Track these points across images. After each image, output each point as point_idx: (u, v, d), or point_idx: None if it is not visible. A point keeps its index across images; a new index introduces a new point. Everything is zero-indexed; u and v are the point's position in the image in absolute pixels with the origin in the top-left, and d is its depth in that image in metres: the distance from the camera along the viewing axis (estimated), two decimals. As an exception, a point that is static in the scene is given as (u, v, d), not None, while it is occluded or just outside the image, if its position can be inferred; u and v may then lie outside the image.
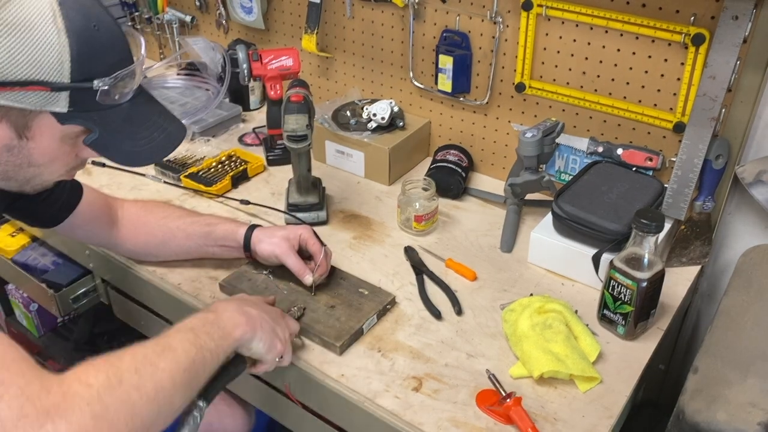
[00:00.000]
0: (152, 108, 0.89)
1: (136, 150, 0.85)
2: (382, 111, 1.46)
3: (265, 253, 1.12)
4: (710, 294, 1.35)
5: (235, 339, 0.87)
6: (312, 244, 1.12)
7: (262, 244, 1.12)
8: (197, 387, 0.80)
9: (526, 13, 1.29)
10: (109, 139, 0.82)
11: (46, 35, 0.72)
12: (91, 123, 0.80)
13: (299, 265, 1.11)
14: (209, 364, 0.82)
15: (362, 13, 1.54)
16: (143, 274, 1.22)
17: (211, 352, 0.82)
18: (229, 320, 0.88)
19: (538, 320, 1.03)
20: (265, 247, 1.12)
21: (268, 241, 1.12)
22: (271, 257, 1.12)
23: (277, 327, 0.95)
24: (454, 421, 0.93)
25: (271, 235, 1.13)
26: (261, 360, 0.93)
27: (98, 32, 0.77)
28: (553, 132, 1.25)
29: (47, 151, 0.81)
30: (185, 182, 1.46)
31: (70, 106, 0.77)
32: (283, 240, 1.12)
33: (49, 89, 0.74)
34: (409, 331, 1.09)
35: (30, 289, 1.51)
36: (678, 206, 1.21)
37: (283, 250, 1.11)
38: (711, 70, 1.11)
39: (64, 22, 0.73)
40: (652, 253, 1.01)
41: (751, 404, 0.85)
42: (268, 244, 1.12)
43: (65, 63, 0.74)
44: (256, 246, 1.13)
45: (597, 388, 0.98)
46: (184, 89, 1.82)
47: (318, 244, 1.13)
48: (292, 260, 1.11)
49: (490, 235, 1.32)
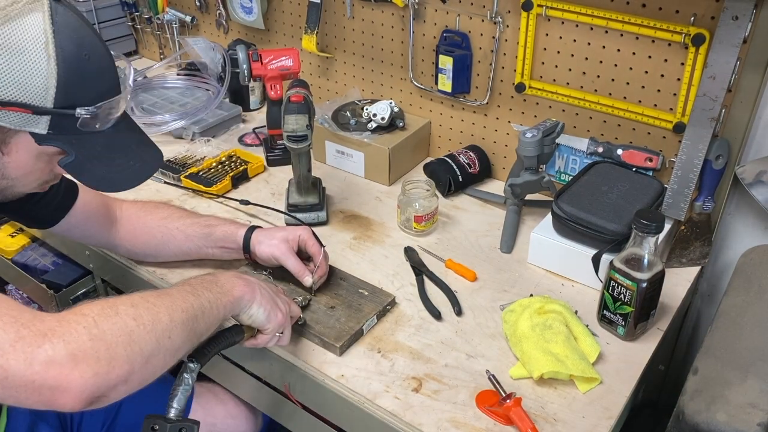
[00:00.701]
0: (132, 136, 0.90)
1: (110, 176, 0.85)
2: (382, 111, 1.46)
3: (265, 255, 1.12)
4: (710, 294, 1.35)
5: (235, 297, 0.88)
6: (311, 245, 1.13)
7: (261, 246, 1.12)
8: (197, 332, 0.80)
9: (526, 13, 1.28)
10: (84, 163, 0.83)
11: (35, 60, 0.74)
12: (68, 146, 0.81)
13: (298, 266, 1.10)
14: (207, 314, 0.82)
15: (362, 13, 1.54)
16: (143, 274, 1.22)
17: (210, 302, 0.83)
18: (228, 281, 0.89)
19: (538, 321, 1.03)
20: (265, 249, 1.12)
21: (268, 243, 1.12)
22: (271, 259, 1.12)
23: (277, 298, 0.95)
24: (454, 422, 0.93)
25: (270, 236, 1.13)
26: (261, 329, 0.93)
27: (88, 61, 0.79)
28: (553, 132, 1.25)
29: (22, 166, 0.82)
30: (185, 182, 1.46)
31: (50, 129, 0.78)
32: (282, 242, 1.12)
33: (31, 112, 0.76)
34: (409, 331, 1.09)
35: (30, 289, 1.51)
36: (678, 207, 1.21)
37: (282, 252, 1.11)
38: (711, 71, 1.11)
39: (55, 50, 0.75)
40: (652, 254, 1.01)
41: (751, 405, 0.85)
42: (267, 246, 1.12)
43: (50, 89, 0.76)
44: (255, 247, 1.13)
45: (597, 389, 0.98)
46: (184, 89, 1.82)
47: (317, 245, 1.13)
48: (291, 262, 1.11)
49: (490, 236, 1.32)
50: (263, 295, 0.92)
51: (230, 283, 0.89)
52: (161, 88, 1.82)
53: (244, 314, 0.90)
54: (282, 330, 0.96)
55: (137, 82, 1.78)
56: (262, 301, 0.91)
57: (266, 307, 0.92)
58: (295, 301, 1.05)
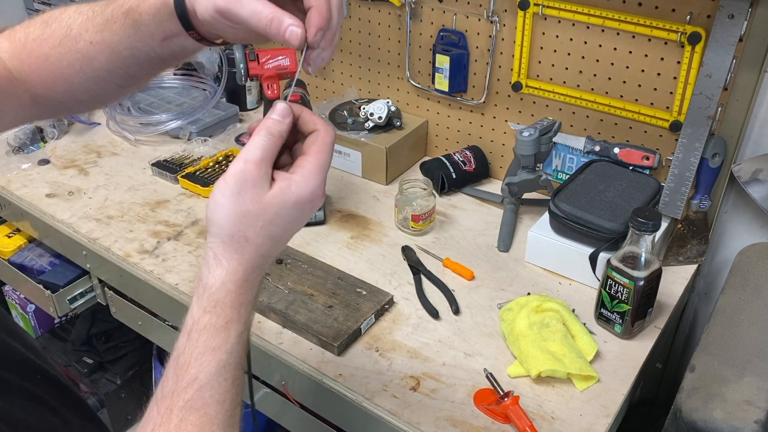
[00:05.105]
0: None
1: None
2: (379, 110, 1.46)
3: (209, 10, 0.63)
4: (707, 292, 1.35)
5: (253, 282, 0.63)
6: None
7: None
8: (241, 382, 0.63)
9: (523, 12, 1.29)
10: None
11: None
12: None
13: (268, 8, 0.60)
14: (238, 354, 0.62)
15: (359, 12, 1.54)
16: (140, 274, 1.22)
17: (237, 336, 0.61)
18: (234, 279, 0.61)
19: (535, 319, 1.03)
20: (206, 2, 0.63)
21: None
22: (219, 17, 0.63)
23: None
24: (452, 421, 0.93)
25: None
26: None
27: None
28: (550, 131, 1.25)
29: None
30: (182, 182, 1.46)
31: None
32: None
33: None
34: (407, 330, 1.09)
35: (27, 290, 1.50)
36: (675, 205, 1.21)
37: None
38: (707, 69, 1.11)
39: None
40: (649, 252, 1.01)
41: (748, 402, 0.85)
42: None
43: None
44: (194, 4, 0.64)
45: (594, 387, 0.98)
46: (180, 89, 1.82)
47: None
48: (250, 4, 0.61)
49: (487, 235, 1.32)
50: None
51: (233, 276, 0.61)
52: (158, 87, 1.82)
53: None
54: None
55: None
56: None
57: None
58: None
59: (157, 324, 1.31)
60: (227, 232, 0.60)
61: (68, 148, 1.64)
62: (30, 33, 0.76)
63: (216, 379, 0.59)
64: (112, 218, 1.37)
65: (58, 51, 0.75)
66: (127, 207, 1.41)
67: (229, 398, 0.60)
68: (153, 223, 1.35)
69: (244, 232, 0.60)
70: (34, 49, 0.76)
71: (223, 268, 0.60)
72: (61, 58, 0.75)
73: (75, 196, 1.44)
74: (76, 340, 1.82)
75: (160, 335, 1.33)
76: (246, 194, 0.59)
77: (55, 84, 0.77)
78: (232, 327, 0.60)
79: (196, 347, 0.59)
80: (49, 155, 1.59)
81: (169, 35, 0.69)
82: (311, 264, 1.20)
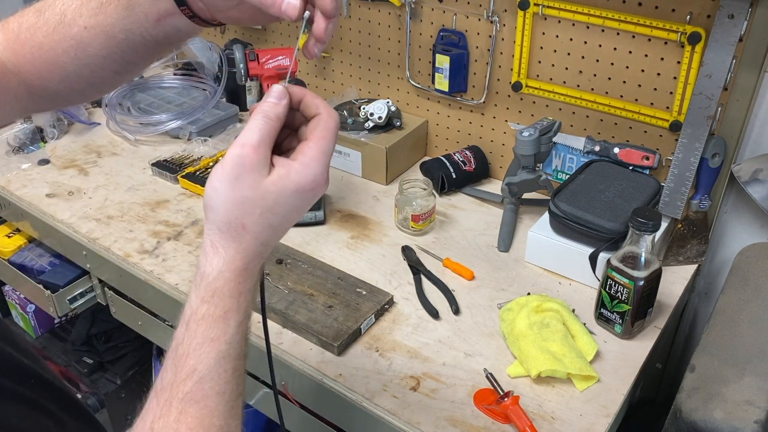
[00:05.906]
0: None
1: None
2: (379, 110, 1.46)
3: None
4: (707, 292, 1.35)
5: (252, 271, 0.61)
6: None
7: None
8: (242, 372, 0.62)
9: (523, 12, 1.29)
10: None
11: None
12: None
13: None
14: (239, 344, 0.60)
15: (359, 12, 1.54)
16: (140, 274, 1.22)
17: (236, 326, 0.60)
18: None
19: (535, 319, 1.03)
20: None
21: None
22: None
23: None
24: (452, 421, 0.93)
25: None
26: None
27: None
28: (550, 131, 1.25)
29: None
30: (182, 182, 1.46)
31: None
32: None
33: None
34: (407, 330, 1.09)
35: (27, 290, 1.50)
36: (675, 205, 1.21)
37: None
38: (707, 69, 1.11)
39: None
40: (649, 252, 1.01)
41: (748, 402, 0.85)
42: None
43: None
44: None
45: (594, 387, 0.98)
46: (180, 89, 1.81)
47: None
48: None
49: (487, 235, 1.32)
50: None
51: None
52: (158, 87, 1.82)
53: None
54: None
55: (134, 81, 1.78)
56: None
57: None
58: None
59: (157, 324, 1.31)
60: (224, 219, 0.58)
61: (68, 148, 1.64)
62: (23, 22, 0.75)
63: (215, 371, 0.58)
64: (112, 218, 1.37)
65: (52, 38, 0.74)
66: (127, 207, 1.41)
67: (230, 389, 0.59)
68: (153, 223, 1.35)
69: (242, 219, 0.58)
70: (27, 39, 0.74)
71: (220, 257, 0.58)
72: (55, 46, 0.74)
73: (75, 196, 1.44)
74: (76, 340, 1.82)
75: (160, 335, 1.33)
76: (244, 180, 0.57)
77: (50, 73, 0.76)
78: (231, 317, 0.58)
79: (195, 338, 0.58)
80: (49, 155, 1.59)
81: (163, 14, 0.68)
82: (311, 264, 1.20)
